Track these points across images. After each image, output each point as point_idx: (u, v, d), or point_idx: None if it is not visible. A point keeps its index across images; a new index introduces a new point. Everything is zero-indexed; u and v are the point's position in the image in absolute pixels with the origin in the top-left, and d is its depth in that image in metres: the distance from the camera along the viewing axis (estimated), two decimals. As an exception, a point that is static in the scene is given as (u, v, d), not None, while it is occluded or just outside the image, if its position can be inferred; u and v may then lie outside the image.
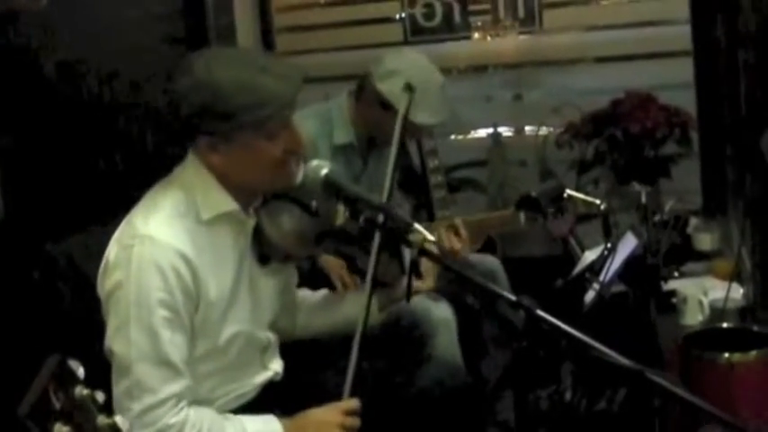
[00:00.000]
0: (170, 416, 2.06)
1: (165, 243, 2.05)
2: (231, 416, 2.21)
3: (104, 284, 2.11)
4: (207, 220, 2.14)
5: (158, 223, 2.08)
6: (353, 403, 2.22)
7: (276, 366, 2.42)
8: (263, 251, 2.29)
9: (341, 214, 2.29)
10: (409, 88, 2.91)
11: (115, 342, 2.07)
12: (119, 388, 2.05)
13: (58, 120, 3.46)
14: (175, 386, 2.07)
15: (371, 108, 3.13)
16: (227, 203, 2.16)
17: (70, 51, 3.55)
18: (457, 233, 2.96)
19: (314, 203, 2.29)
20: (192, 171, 2.17)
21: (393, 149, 2.70)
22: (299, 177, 2.22)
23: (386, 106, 3.07)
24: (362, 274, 2.39)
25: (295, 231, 2.29)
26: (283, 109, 2.08)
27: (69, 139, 3.48)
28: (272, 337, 2.40)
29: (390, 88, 3.06)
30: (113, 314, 2.08)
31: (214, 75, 2.04)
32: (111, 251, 2.11)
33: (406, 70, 3.08)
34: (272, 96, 2.05)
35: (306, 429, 2.22)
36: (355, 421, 2.21)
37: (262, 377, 2.37)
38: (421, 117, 3.03)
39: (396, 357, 2.69)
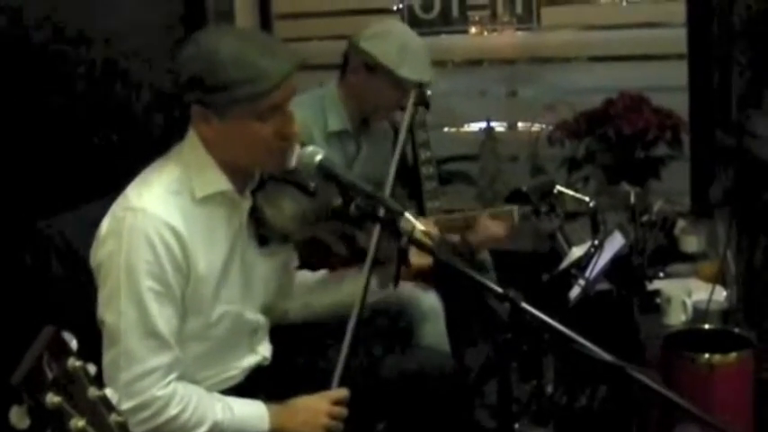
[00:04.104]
0: (157, 388, 2.08)
1: (156, 216, 2.08)
2: (220, 395, 2.23)
3: (96, 255, 2.14)
4: (201, 199, 2.17)
5: (152, 198, 2.11)
6: (342, 393, 2.25)
7: (264, 351, 2.44)
8: (262, 233, 2.31)
9: (338, 195, 2.32)
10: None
11: (106, 312, 2.10)
12: (107, 357, 2.08)
13: (52, 97, 3.47)
14: (163, 357, 2.09)
15: (357, 75, 3.15)
16: (222, 183, 2.19)
17: (65, 29, 3.56)
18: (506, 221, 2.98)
19: (312, 184, 2.32)
20: (189, 149, 2.20)
21: (398, 146, 2.71)
22: (293, 162, 2.24)
23: (370, 68, 3.10)
24: (363, 253, 2.41)
25: (294, 212, 2.32)
26: (274, 89, 2.10)
27: (62, 117, 3.48)
28: (262, 320, 2.41)
29: (374, 47, 3.08)
30: (104, 284, 2.11)
31: (214, 47, 2.09)
32: (105, 223, 2.15)
33: (390, 32, 3.14)
34: (264, 74, 2.08)
35: (294, 417, 2.24)
36: (343, 411, 2.24)
37: (249, 360, 2.39)
38: (406, 71, 3.06)
39: (383, 345, 2.71)
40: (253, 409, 2.23)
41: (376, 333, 2.92)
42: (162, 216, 2.09)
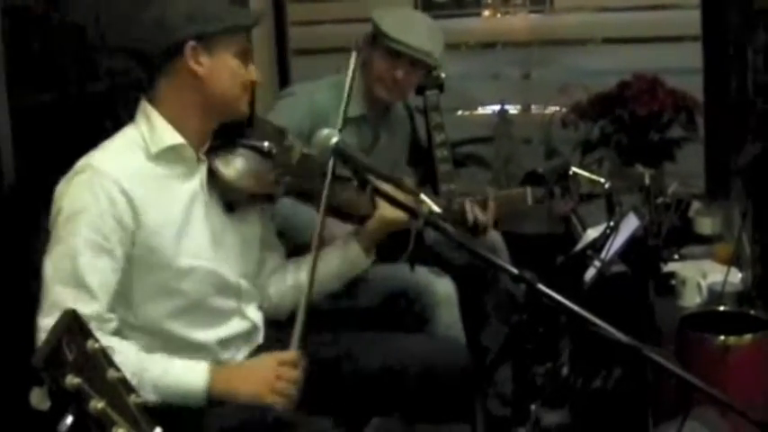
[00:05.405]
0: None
1: (102, 170, 2.12)
2: (159, 356, 2.17)
3: (50, 216, 2.17)
4: (156, 154, 2.21)
5: (102, 155, 2.18)
6: (292, 355, 2.14)
7: (254, 316, 2.44)
8: (225, 197, 2.33)
9: (297, 151, 2.35)
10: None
11: (44, 264, 2.11)
12: (39, 308, 2.08)
13: (69, 81, 3.48)
14: (87, 308, 2.05)
15: (365, 51, 3.14)
16: (174, 137, 2.23)
17: (78, 11, 3.56)
18: (484, 207, 2.96)
19: (266, 145, 2.34)
20: (141, 115, 2.27)
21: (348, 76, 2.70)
22: (247, 109, 2.34)
23: (374, 38, 3.10)
24: (335, 209, 2.41)
25: (250, 170, 2.33)
26: (249, 28, 2.36)
27: (80, 101, 3.49)
28: (244, 283, 2.40)
29: (379, 17, 3.10)
30: (49, 239, 2.14)
31: None
32: (59, 185, 2.18)
33: (400, 9, 3.17)
34: (240, 12, 2.39)
35: (236, 379, 2.19)
36: (293, 373, 2.14)
37: (240, 325, 2.39)
38: (397, 32, 3.05)
39: (396, 332, 2.71)
40: (190, 369, 2.16)
41: (389, 319, 2.93)
42: (108, 170, 2.12)
